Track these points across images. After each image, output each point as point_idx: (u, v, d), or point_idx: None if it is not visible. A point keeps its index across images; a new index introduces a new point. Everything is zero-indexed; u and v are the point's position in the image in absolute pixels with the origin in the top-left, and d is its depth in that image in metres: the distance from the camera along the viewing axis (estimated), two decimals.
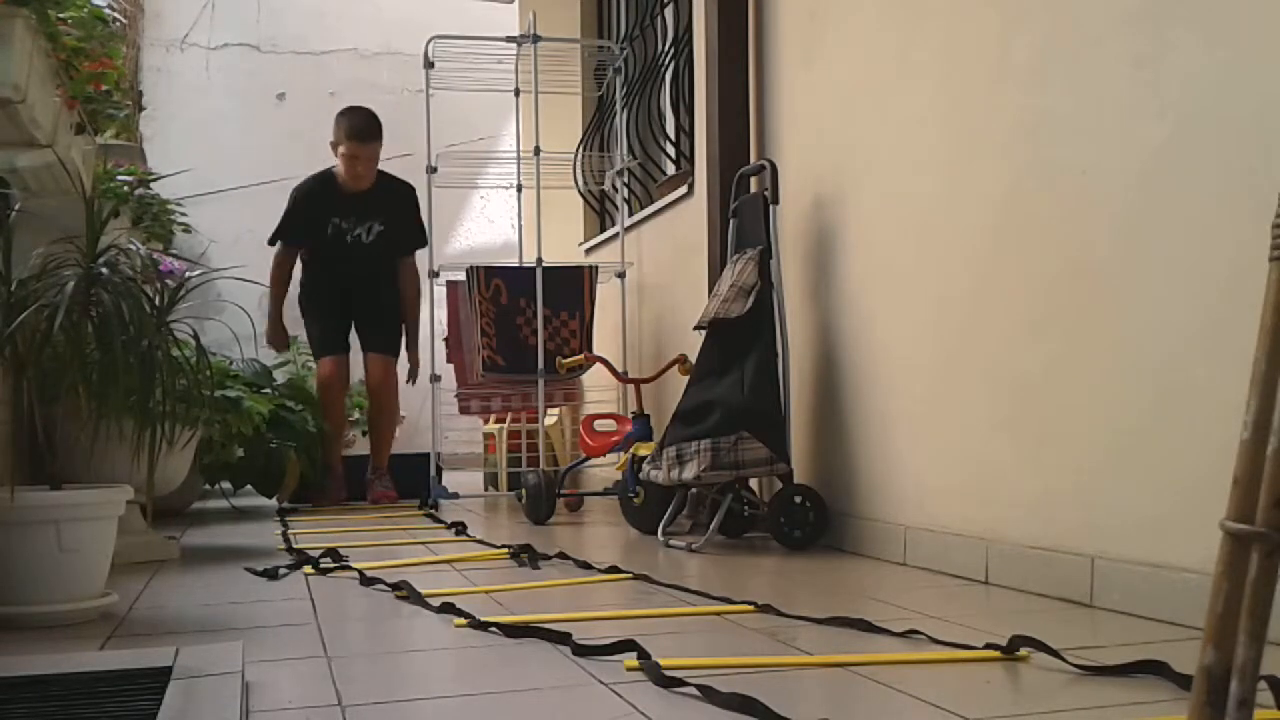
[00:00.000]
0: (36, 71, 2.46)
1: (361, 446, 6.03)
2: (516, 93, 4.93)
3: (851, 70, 3.13)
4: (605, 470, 4.55)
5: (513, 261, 4.85)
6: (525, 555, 2.95)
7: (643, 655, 1.68)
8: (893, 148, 2.93)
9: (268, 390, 4.53)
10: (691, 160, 4.26)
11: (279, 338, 4.97)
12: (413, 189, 4.87)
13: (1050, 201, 2.35)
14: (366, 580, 2.55)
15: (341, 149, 4.72)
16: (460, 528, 3.68)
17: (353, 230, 4.81)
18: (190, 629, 2.09)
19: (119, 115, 3.85)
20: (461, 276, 4.74)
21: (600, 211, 5.63)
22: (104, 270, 2.31)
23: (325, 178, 4.84)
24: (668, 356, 4.19)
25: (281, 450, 4.43)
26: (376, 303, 4.90)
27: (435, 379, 4.68)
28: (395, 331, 4.95)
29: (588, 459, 4.25)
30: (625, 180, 5.05)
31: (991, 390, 2.53)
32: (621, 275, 4.82)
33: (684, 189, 4.24)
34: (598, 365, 4.32)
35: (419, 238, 4.87)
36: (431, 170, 4.70)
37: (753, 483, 3.41)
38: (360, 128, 4.70)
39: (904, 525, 2.83)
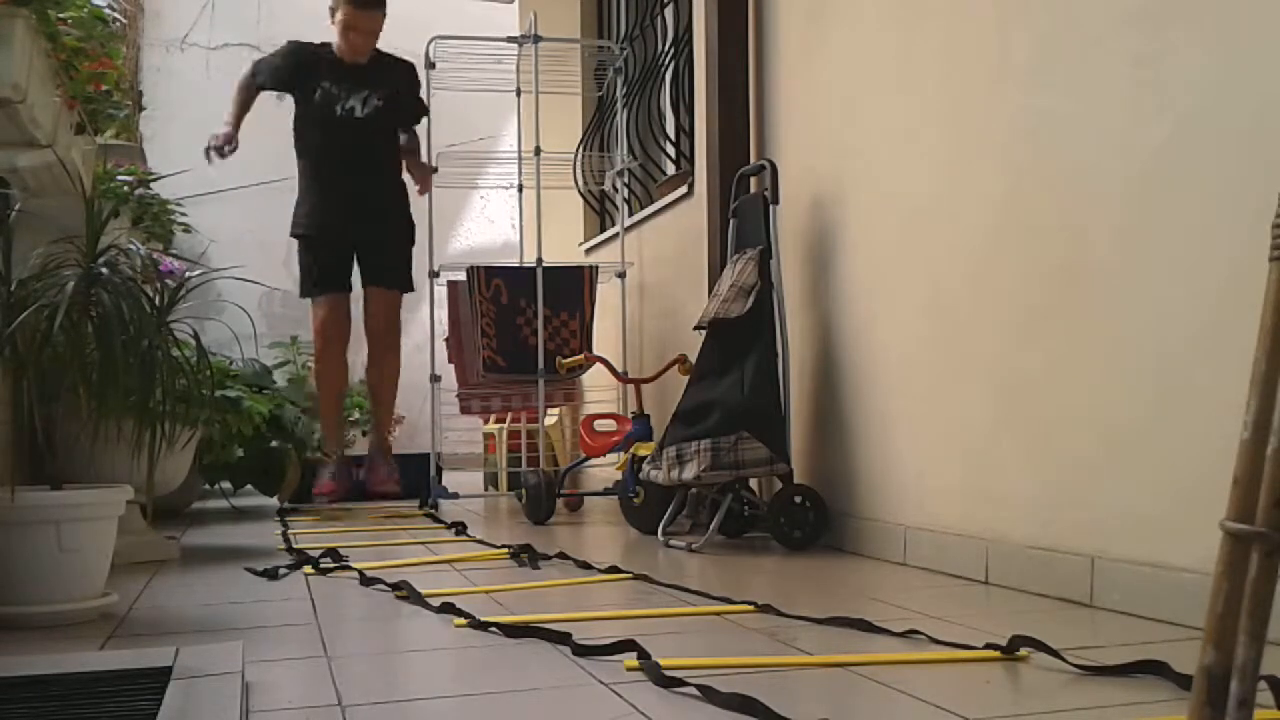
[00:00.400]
0: (36, 71, 2.45)
1: (361, 447, 6.03)
2: (517, 93, 4.94)
3: (851, 70, 3.13)
4: (605, 470, 4.55)
5: (513, 261, 4.85)
6: (525, 555, 2.95)
7: (643, 655, 1.68)
8: (893, 147, 2.93)
9: (268, 390, 4.53)
10: (691, 160, 4.26)
11: (228, 135, 4.44)
12: (413, 65, 4.55)
13: (1050, 201, 2.35)
14: (366, 580, 2.55)
15: (338, 15, 4.30)
16: (460, 528, 3.68)
17: (344, 101, 4.39)
18: (190, 629, 2.09)
19: (119, 115, 3.84)
20: (461, 276, 4.74)
21: (600, 211, 5.63)
22: (104, 270, 2.31)
23: (320, 46, 4.45)
24: (668, 356, 4.18)
25: (281, 450, 4.43)
26: (382, 219, 4.47)
27: (435, 379, 4.68)
28: (404, 260, 4.54)
29: (588, 459, 4.25)
30: (625, 180, 5.05)
31: (992, 390, 2.53)
32: (621, 275, 4.82)
33: (684, 189, 4.24)
34: (598, 365, 4.32)
35: (420, 109, 4.57)
36: (432, 170, 4.69)
37: (753, 483, 3.41)
38: None
39: (904, 525, 2.83)
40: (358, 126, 4.44)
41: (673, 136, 4.73)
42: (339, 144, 4.45)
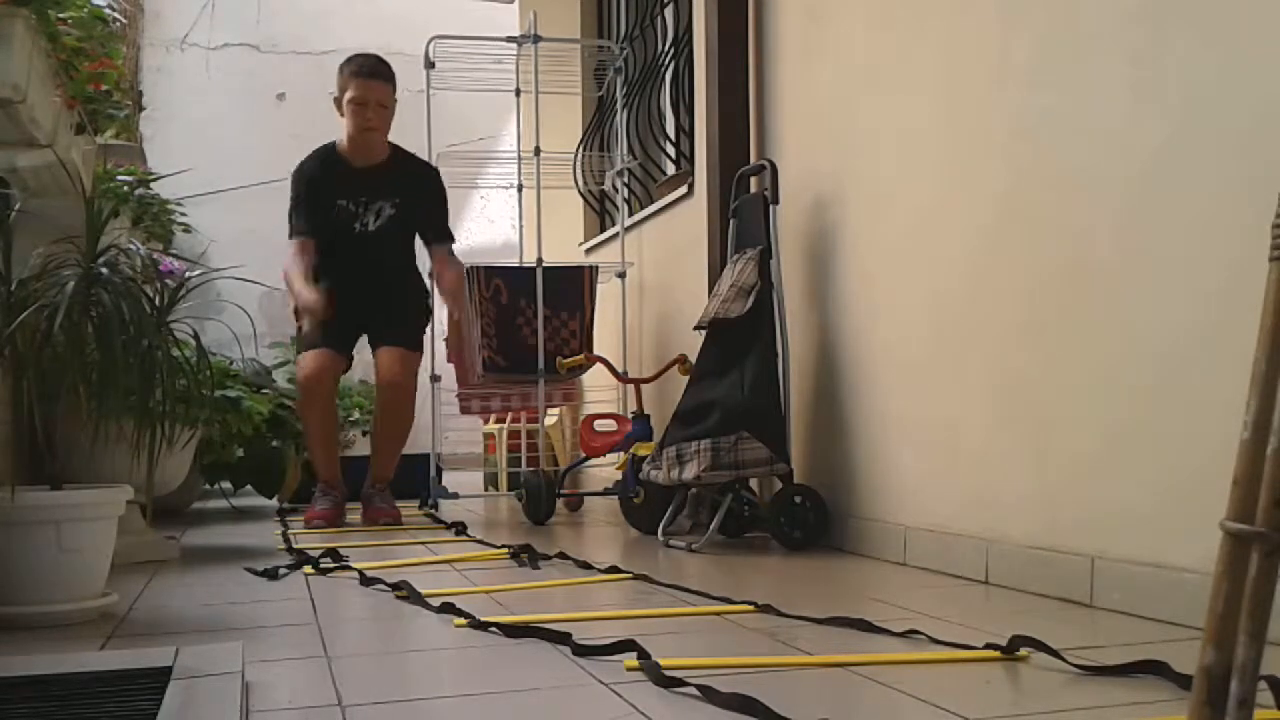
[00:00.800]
0: (36, 71, 2.45)
1: (361, 447, 6.02)
2: (517, 93, 4.93)
3: (851, 70, 3.13)
4: (605, 470, 4.55)
5: (513, 261, 4.85)
6: (525, 555, 2.95)
7: (643, 655, 1.68)
8: (893, 147, 2.93)
9: (268, 390, 4.52)
10: (691, 160, 4.26)
11: (313, 298, 3.87)
12: (436, 172, 4.28)
13: (1050, 201, 2.35)
14: (366, 580, 2.55)
15: (348, 94, 3.97)
16: (460, 528, 3.68)
17: (361, 216, 4.10)
18: (190, 629, 2.09)
19: (119, 115, 3.83)
20: None
21: (600, 211, 5.63)
22: (104, 270, 2.31)
23: (326, 151, 4.15)
24: (668, 356, 4.18)
25: (281, 450, 4.43)
26: (387, 297, 4.17)
27: (435, 379, 4.68)
28: (413, 325, 4.20)
29: (588, 459, 4.25)
30: (625, 180, 5.05)
31: (992, 389, 2.53)
32: (621, 275, 4.82)
33: (684, 189, 4.24)
34: (598, 365, 4.32)
35: (444, 227, 4.27)
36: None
37: (753, 483, 3.41)
38: (367, 64, 3.99)
39: (904, 525, 2.82)
40: (369, 241, 4.14)
41: (673, 136, 4.73)
42: (348, 259, 4.14)
